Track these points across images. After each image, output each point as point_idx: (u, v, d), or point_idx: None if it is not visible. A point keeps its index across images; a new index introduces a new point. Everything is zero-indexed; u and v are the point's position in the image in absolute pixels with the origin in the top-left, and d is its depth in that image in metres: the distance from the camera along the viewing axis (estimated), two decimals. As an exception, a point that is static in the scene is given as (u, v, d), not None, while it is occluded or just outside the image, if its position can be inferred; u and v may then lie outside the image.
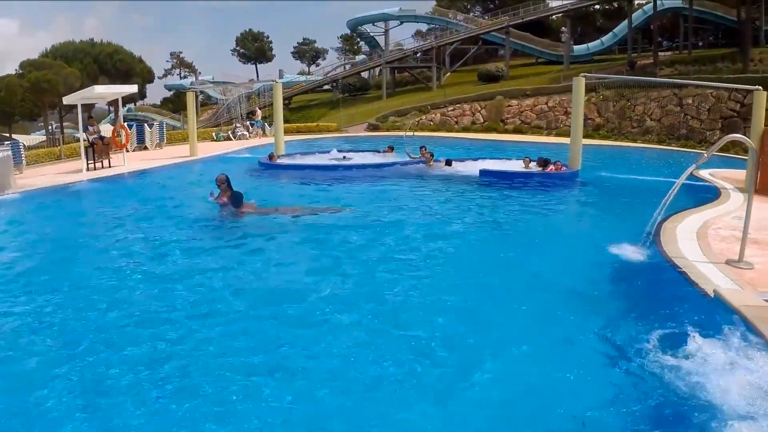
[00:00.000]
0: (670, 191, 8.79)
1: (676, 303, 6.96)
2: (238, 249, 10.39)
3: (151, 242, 11.07)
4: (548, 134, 34.10)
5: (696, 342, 5.70)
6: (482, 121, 37.90)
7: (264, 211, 12.88)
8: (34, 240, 11.74)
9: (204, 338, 6.53)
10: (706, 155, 8.94)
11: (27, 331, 6.85)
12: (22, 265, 9.68)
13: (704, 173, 17.77)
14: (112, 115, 63.59)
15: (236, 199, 12.56)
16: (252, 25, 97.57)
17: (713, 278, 7.47)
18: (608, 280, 8.20)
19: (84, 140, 21.96)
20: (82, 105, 22.68)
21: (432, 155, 20.62)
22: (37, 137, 56.11)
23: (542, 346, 6.21)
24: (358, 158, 22.11)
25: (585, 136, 19.63)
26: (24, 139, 39.14)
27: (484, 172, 17.62)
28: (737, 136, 9.37)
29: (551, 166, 17.47)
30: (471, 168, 18.96)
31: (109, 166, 22.24)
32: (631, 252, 9.03)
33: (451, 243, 10.71)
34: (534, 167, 18.03)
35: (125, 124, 25.15)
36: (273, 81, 29.35)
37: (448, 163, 19.81)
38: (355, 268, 9.05)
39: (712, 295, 6.78)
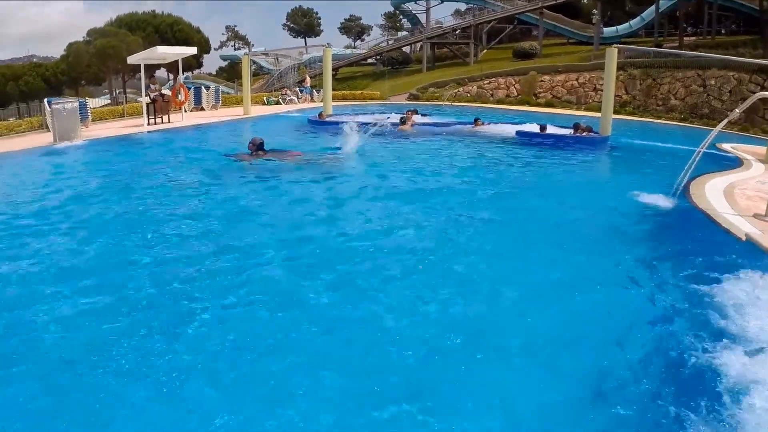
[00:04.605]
0: (700, 146, 8.79)
1: (709, 244, 6.98)
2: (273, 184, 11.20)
3: (200, 177, 12.00)
4: (578, 108, 33.60)
5: (730, 279, 5.71)
6: (516, 94, 37.44)
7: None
8: (98, 175, 12.64)
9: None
10: (737, 111, 8.87)
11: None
12: (85, 195, 10.42)
13: (726, 146, 17.51)
14: (171, 82, 63.97)
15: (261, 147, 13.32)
16: (302, 2, 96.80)
17: (742, 227, 7.43)
18: (643, 223, 8.24)
19: (146, 97, 22.32)
20: (144, 67, 22.89)
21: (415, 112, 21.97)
22: (101, 101, 56.77)
23: (581, 277, 6.23)
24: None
25: (612, 112, 19.33)
26: (89, 103, 39.67)
27: (520, 133, 17.51)
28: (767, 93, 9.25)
29: (583, 131, 17.27)
30: (504, 129, 18.89)
31: (169, 122, 22.55)
32: (664, 201, 9.05)
33: (492, 189, 10.79)
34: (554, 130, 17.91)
35: (184, 84, 25.41)
36: (324, 45, 29.15)
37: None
38: (401, 206, 9.24)
39: (744, 239, 6.74)
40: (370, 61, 68.23)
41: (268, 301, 5.56)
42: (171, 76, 62.61)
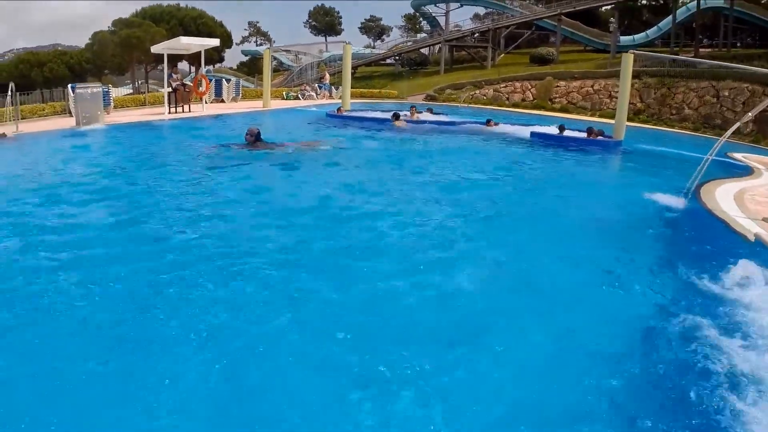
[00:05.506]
0: (711, 150, 8.78)
1: (718, 243, 7.01)
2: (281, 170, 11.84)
3: (200, 162, 12.54)
4: (592, 115, 33.50)
5: (739, 278, 5.72)
6: (531, 99, 37.39)
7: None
8: (117, 153, 13.71)
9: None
10: (750, 114, 8.89)
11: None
12: (102, 171, 11.13)
13: (738, 155, 17.50)
14: (192, 74, 64.18)
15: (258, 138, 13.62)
16: (324, 0, 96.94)
17: (752, 229, 7.44)
18: (654, 222, 8.29)
19: (167, 86, 22.51)
20: (167, 58, 23.03)
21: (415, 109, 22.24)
22: (123, 90, 57.12)
23: (592, 272, 6.26)
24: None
25: (627, 116, 19.28)
26: (112, 92, 39.92)
27: (534, 134, 17.51)
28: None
29: (596, 135, 17.23)
30: (519, 130, 18.91)
31: (189, 111, 22.73)
32: (675, 203, 9.09)
33: (504, 187, 10.86)
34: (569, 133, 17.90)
35: (206, 75, 25.63)
36: (345, 42, 29.21)
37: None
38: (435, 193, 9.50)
39: (753, 240, 6.77)
40: (388, 61, 68.27)
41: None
42: (192, 69, 62.82)
